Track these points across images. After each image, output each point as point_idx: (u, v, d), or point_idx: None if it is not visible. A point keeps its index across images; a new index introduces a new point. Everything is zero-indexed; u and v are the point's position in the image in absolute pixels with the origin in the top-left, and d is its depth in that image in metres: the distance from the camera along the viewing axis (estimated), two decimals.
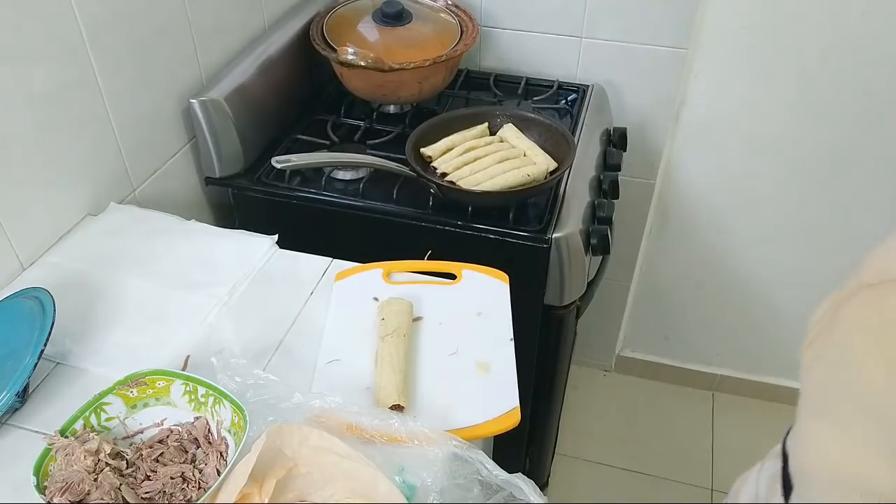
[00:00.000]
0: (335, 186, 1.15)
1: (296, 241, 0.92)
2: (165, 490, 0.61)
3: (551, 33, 1.46)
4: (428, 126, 1.17)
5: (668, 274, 1.81)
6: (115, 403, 0.65)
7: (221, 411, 0.64)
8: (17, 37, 0.79)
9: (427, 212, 1.10)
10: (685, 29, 1.39)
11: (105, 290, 0.82)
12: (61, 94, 0.87)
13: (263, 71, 1.19)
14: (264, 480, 0.59)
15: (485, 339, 0.79)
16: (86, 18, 0.88)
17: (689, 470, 1.80)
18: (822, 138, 1.49)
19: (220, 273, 0.86)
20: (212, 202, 1.22)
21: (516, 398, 0.72)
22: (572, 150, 1.11)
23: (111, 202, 0.97)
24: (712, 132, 1.54)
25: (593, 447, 1.87)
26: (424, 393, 0.72)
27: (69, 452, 0.60)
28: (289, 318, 0.81)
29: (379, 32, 1.29)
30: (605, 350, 2.02)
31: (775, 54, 1.40)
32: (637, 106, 1.51)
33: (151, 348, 0.75)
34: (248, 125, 1.16)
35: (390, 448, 0.64)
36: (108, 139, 0.97)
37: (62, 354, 0.75)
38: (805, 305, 1.81)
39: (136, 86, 1.00)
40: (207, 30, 1.12)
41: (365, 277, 0.87)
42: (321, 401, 0.66)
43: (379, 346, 0.75)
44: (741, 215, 1.64)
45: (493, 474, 0.63)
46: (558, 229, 1.07)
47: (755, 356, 1.90)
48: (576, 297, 1.15)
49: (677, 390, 2.00)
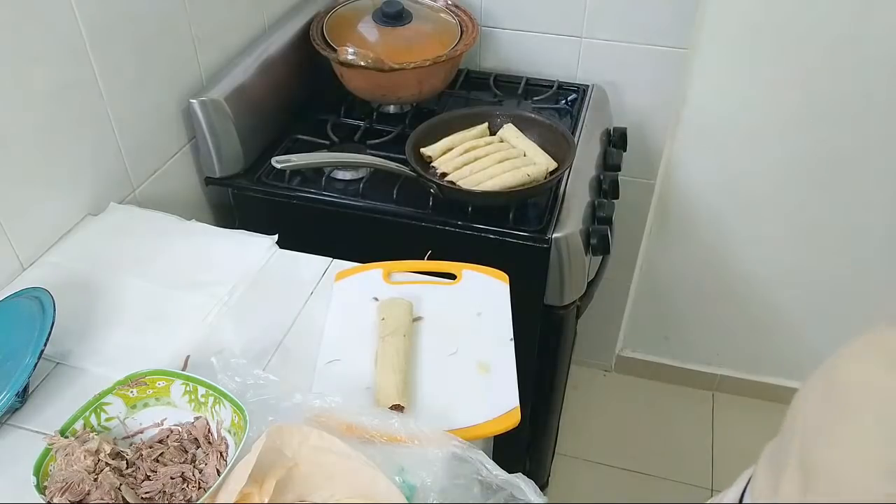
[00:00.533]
0: (335, 186, 1.15)
1: (296, 241, 0.92)
2: (165, 490, 0.61)
3: (551, 33, 1.46)
4: (428, 126, 1.17)
5: (668, 274, 1.81)
6: (115, 403, 0.65)
7: (221, 411, 0.64)
8: (17, 37, 0.79)
9: (427, 212, 1.10)
10: (685, 29, 1.39)
11: (105, 290, 0.82)
12: (61, 94, 0.87)
13: (263, 71, 1.19)
14: (264, 480, 0.59)
15: (485, 339, 0.79)
16: (86, 18, 0.88)
17: (689, 470, 1.80)
18: (822, 138, 1.49)
19: (220, 273, 0.86)
20: (212, 202, 1.22)
21: (516, 398, 0.72)
22: (572, 150, 1.11)
23: (111, 202, 0.97)
24: (712, 132, 1.54)
25: (593, 447, 1.87)
26: (424, 393, 0.72)
27: (69, 452, 0.60)
28: (289, 319, 0.81)
29: (379, 32, 1.29)
30: (605, 350, 2.02)
31: (775, 54, 1.40)
32: (637, 106, 1.50)
33: (151, 348, 0.75)
34: (248, 125, 1.16)
35: (390, 448, 0.64)
36: (108, 139, 0.97)
37: (62, 354, 0.75)
38: (805, 305, 1.83)
39: (136, 86, 1.00)
40: (207, 30, 1.12)
41: (365, 277, 0.87)
42: (321, 401, 0.66)
43: (379, 346, 0.75)
44: (741, 215, 1.64)
45: (493, 474, 0.63)
46: (558, 229, 1.07)
47: (755, 356, 1.90)
48: (576, 297, 1.15)
49: (677, 390, 2.00)
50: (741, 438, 1.87)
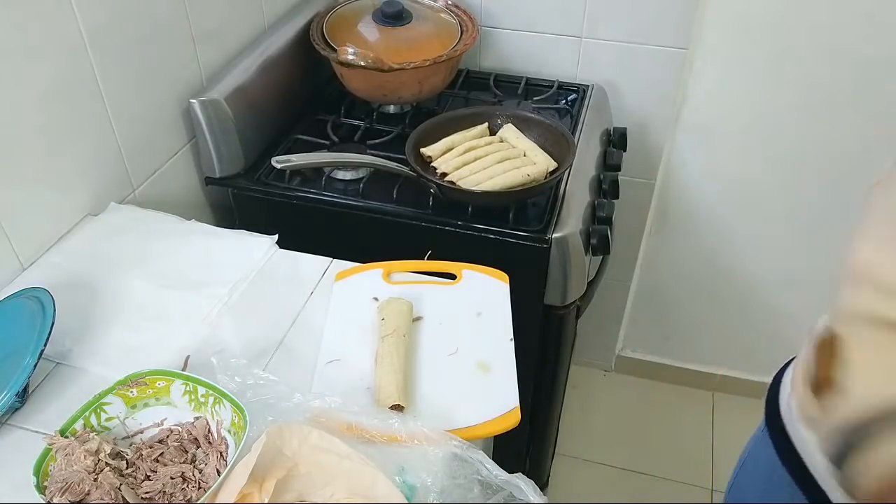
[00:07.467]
0: (335, 186, 1.15)
1: (296, 241, 0.92)
2: (165, 490, 0.61)
3: (551, 33, 1.46)
4: (428, 126, 1.17)
5: (668, 274, 1.81)
6: (115, 403, 0.65)
7: (221, 411, 0.64)
8: (17, 37, 0.79)
9: (427, 212, 1.10)
10: (685, 29, 1.39)
11: (105, 290, 0.82)
12: (61, 94, 0.87)
13: (263, 71, 1.19)
14: (264, 480, 0.59)
15: (485, 339, 0.79)
16: (86, 18, 0.88)
17: (689, 470, 1.80)
18: (823, 138, 1.49)
19: (220, 273, 0.86)
20: (212, 202, 1.22)
21: (516, 398, 0.72)
22: (572, 150, 1.11)
23: (111, 202, 0.97)
24: (712, 132, 1.54)
25: (593, 447, 1.87)
26: (424, 393, 0.72)
27: (69, 452, 0.60)
28: (289, 318, 0.81)
29: (379, 32, 1.29)
30: (605, 350, 2.02)
31: (775, 54, 1.40)
32: (637, 106, 1.51)
33: (151, 348, 0.75)
34: (248, 125, 1.16)
35: (390, 448, 0.64)
36: (108, 139, 0.97)
37: (62, 354, 0.75)
38: (805, 305, 1.83)
39: (136, 86, 1.00)
40: (207, 30, 1.12)
41: (365, 277, 0.87)
42: (321, 401, 0.66)
43: (379, 346, 0.75)
44: (741, 215, 1.64)
45: (493, 474, 0.63)
46: (558, 229, 1.07)
47: (755, 356, 1.90)
48: (576, 297, 1.15)
49: (677, 390, 2.00)
50: (741, 438, 1.86)
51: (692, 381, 1.99)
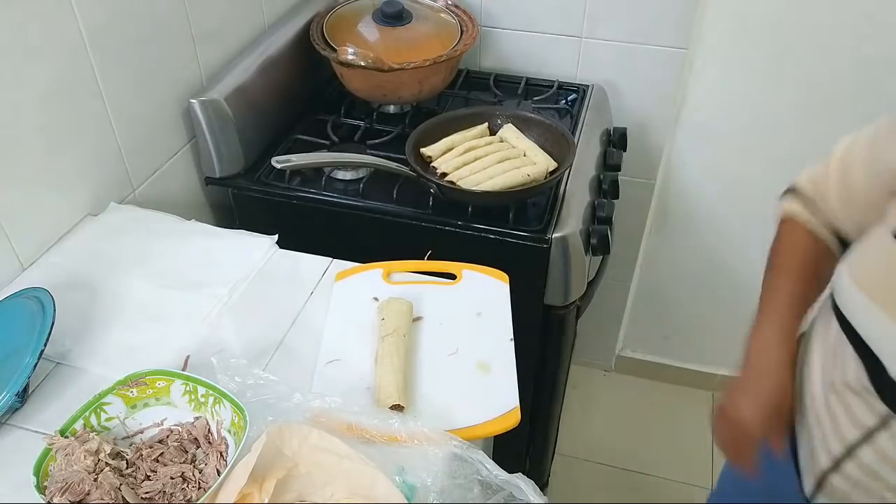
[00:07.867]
0: (335, 186, 1.15)
1: (296, 241, 0.92)
2: (165, 490, 0.61)
3: (551, 33, 1.46)
4: (428, 126, 1.17)
5: (668, 274, 1.81)
6: (115, 403, 0.65)
7: (221, 411, 0.64)
8: (17, 37, 0.79)
9: (427, 212, 1.10)
10: (685, 29, 1.39)
11: (105, 290, 0.82)
12: (61, 94, 0.87)
13: (263, 71, 1.19)
14: (264, 480, 0.59)
15: (485, 339, 0.79)
16: (86, 18, 0.88)
17: (689, 470, 1.80)
18: (823, 138, 1.47)
19: (220, 273, 0.86)
20: (212, 202, 1.22)
21: (516, 398, 0.72)
22: (572, 150, 1.11)
23: (111, 202, 0.97)
24: (712, 132, 1.54)
25: (593, 447, 1.87)
26: (424, 393, 0.72)
27: (69, 452, 0.60)
28: (289, 318, 0.81)
29: (379, 32, 1.29)
30: (605, 350, 2.02)
31: (775, 54, 1.40)
32: (637, 106, 1.51)
33: (151, 348, 0.75)
34: (248, 125, 1.16)
35: (390, 448, 0.64)
36: (108, 139, 0.97)
37: (62, 354, 0.75)
38: None
39: (136, 86, 1.00)
40: (207, 30, 1.12)
41: (365, 277, 0.87)
42: (321, 401, 0.66)
43: (379, 346, 0.75)
44: (741, 215, 1.64)
45: (493, 474, 0.63)
46: (558, 229, 1.07)
47: None
48: (576, 297, 1.15)
49: (677, 390, 2.00)
50: None
51: (692, 381, 1.99)
